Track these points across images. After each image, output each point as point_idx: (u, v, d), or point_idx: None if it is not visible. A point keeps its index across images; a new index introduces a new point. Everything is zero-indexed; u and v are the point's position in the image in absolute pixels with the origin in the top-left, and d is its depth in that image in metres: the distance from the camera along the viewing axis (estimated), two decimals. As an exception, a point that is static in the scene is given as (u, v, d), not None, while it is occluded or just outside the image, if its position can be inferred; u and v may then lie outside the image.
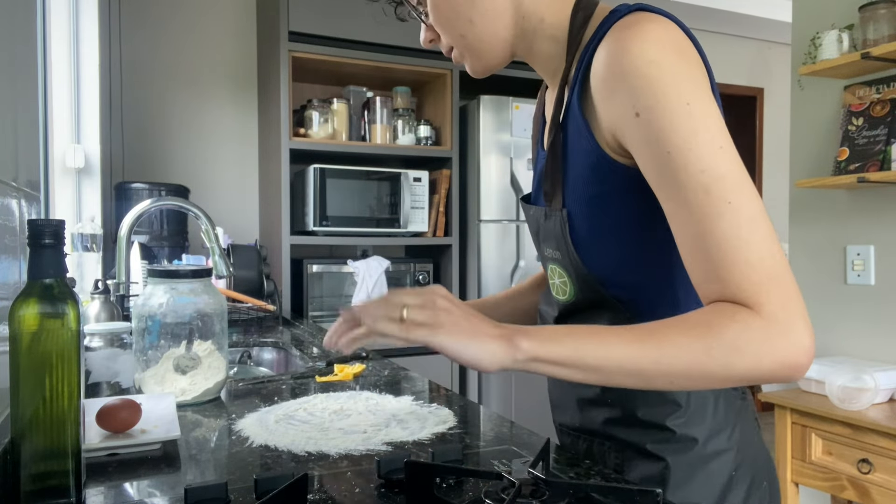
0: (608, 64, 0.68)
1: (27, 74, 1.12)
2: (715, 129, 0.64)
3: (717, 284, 0.63)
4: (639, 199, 0.71)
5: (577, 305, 0.84)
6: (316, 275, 2.80)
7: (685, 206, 0.64)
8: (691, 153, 0.63)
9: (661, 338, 0.63)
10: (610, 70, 0.68)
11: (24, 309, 0.63)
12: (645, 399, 0.80)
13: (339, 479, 0.74)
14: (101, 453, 0.82)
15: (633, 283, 0.79)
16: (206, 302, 1.12)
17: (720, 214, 0.62)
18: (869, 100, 2.13)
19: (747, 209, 0.63)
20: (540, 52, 0.83)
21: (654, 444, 0.80)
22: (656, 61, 0.65)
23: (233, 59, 3.04)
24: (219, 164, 3.03)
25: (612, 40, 0.69)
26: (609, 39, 0.69)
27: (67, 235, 1.43)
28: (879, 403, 1.97)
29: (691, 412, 0.79)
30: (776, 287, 0.61)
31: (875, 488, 1.83)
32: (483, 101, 2.88)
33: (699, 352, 0.61)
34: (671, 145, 0.64)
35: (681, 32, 0.69)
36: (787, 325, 0.61)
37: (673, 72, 0.65)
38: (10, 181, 0.89)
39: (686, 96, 0.64)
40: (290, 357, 1.75)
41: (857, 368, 1.98)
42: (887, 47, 1.95)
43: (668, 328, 0.64)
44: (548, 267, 0.88)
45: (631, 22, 0.68)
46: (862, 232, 2.21)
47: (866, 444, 1.85)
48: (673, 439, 0.79)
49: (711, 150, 0.63)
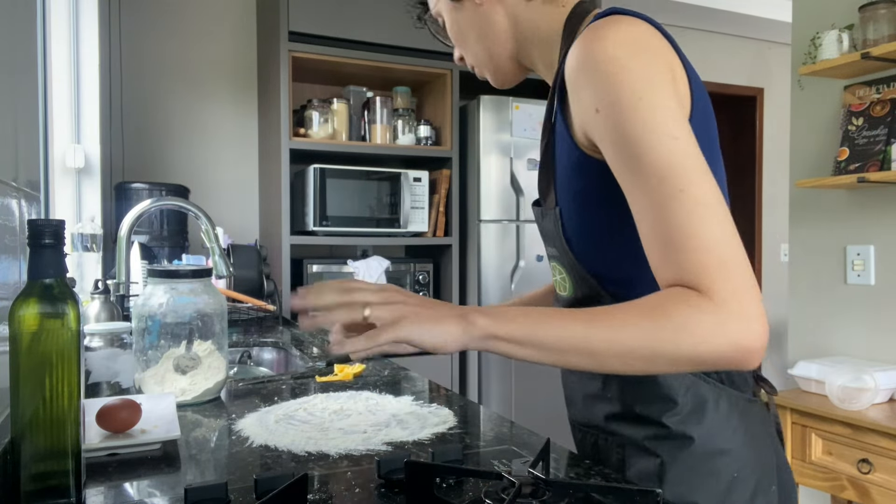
0: (572, 65, 0.72)
1: (27, 74, 1.12)
2: (669, 121, 0.66)
3: (672, 270, 0.65)
4: (620, 195, 0.73)
5: (576, 301, 0.86)
6: (316, 275, 2.80)
7: (642, 196, 0.67)
8: (644, 144, 0.66)
9: (613, 319, 0.65)
10: (574, 70, 0.72)
11: (24, 309, 0.63)
12: (641, 395, 0.81)
13: (339, 479, 0.74)
14: (101, 453, 0.82)
15: (628, 279, 0.79)
16: (206, 302, 1.12)
17: (673, 202, 0.64)
18: (869, 100, 2.13)
19: (701, 196, 0.64)
20: (540, 59, 0.88)
21: (650, 440, 0.80)
22: (613, 58, 0.68)
23: (233, 59, 3.04)
24: (219, 164, 3.03)
25: (579, 42, 0.72)
26: (577, 42, 0.72)
27: (67, 235, 1.43)
28: (879, 403, 1.97)
29: (688, 410, 0.79)
30: (728, 272, 0.62)
31: (875, 488, 1.83)
32: (483, 101, 2.88)
33: (649, 332, 0.63)
34: (626, 137, 0.67)
35: (647, 30, 0.71)
36: (738, 310, 0.61)
37: (628, 68, 0.67)
38: (10, 181, 0.89)
39: (639, 91, 0.67)
40: (290, 357, 1.75)
41: (857, 368, 1.98)
42: (887, 47, 1.95)
43: (621, 310, 0.66)
44: (550, 264, 0.91)
45: (598, 25, 0.71)
46: (862, 232, 2.21)
47: (866, 444, 1.85)
48: (669, 436, 0.79)
49: (664, 141, 0.65)
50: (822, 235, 2.33)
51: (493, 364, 2.86)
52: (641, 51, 0.69)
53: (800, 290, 2.41)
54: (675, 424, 0.79)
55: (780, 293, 3.65)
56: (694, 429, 0.79)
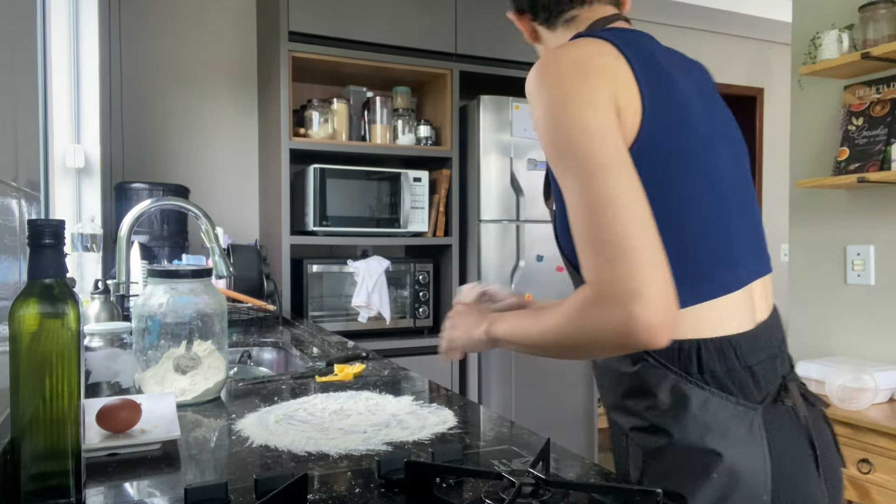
0: (527, 84, 0.81)
1: (27, 74, 1.12)
2: (580, 129, 0.73)
3: (583, 268, 0.73)
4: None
5: None
6: (316, 275, 2.80)
7: (566, 198, 0.74)
8: (557, 151, 0.74)
9: (545, 317, 0.76)
10: (527, 89, 0.81)
11: (24, 309, 0.63)
12: (627, 387, 0.83)
13: (339, 479, 0.74)
14: (101, 453, 0.82)
15: None
16: (206, 302, 1.12)
17: (580, 202, 0.72)
18: (869, 100, 2.13)
19: (602, 194, 0.70)
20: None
21: (634, 431, 0.83)
22: (540, 80, 0.78)
23: (233, 59, 3.04)
24: (219, 164, 3.03)
25: (537, 63, 0.81)
26: (536, 63, 0.82)
27: (67, 235, 1.43)
28: (879, 403, 1.97)
29: (666, 406, 0.79)
30: (616, 266, 0.68)
31: (875, 488, 1.83)
32: (483, 101, 2.88)
33: (561, 328, 0.74)
34: (546, 146, 0.76)
35: (589, 50, 0.79)
36: (620, 299, 0.67)
37: (550, 88, 0.76)
38: (10, 181, 0.89)
39: (555, 107, 0.75)
40: (290, 357, 1.75)
41: (857, 368, 1.98)
42: (887, 47, 1.95)
43: (551, 309, 0.76)
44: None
45: (556, 48, 0.82)
46: (862, 232, 2.21)
47: (866, 444, 1.85)
48: (648, 429, 0.81)
49: (573, 147, 0.73)
50: (822, 235, 2.33)
51: (493, 364, 2.86)
52: (574, 71, 0.76)
53: (800, 290, 2.41)
54: (654, 418, 0.80)
55: (781, 293, 3.65)
56: (672, 425, 0.79)
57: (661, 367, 0.80)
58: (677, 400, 0.79)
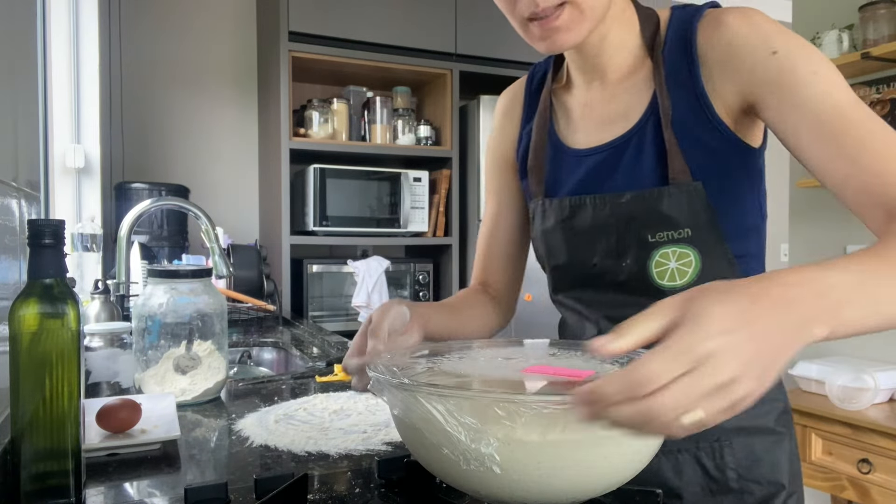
0: (737, 31, 0.76)
1: (27, 74, 1.12)
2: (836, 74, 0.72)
3: (886, 200, 0.63)
4: (756, 163, 0.80)
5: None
6: (316, 275, 2.80)
7: (831, 139, 0.68)
8: (823, 85, 0.70)
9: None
10: (740, 32, 0.76)
11: (24, 309, 0.63)
12: None
13: (339, 479, 0.74)
14: (101, 453, 0.82)
15: (748, 252, 0.83)
16: (206, 302, 1.12)
17: (867, 133, 0.66)
18: (869, 100, 2.13)
19: (885, 127, 0.67)
20: (615, 39, 0.85)
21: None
22: (776, 22, 0.75)
23: (233, 59, 3.04)
24: (219, 164, 3.03)
25: (731, 16, 0.77)
26: (722, 18, 0.78)
27: (67, 235, 1.43)
28: (879, 403, 1.97)
29: None
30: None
31: (875, 488, 1.83)
32: (483, 101, 2.88)
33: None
34: (807, 78, 0.71)
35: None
36: None
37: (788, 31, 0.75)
38: (10, 181, 0.89)
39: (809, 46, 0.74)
40: (290, 357, 1.75)
41: (857, 368, 1.98)
42: (887, 47, 1.95)
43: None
44: (657, 253, 0.82)
45: (732, 8, 0.78)
46: (862, 232, 2.20)
47: (866, 444, 1.85)
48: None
49: (838, 85, 0.70)
50: (822, 235, 2.33)
51: (493, 364, 2.86)
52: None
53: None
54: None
55: (780, 293, 3.63)
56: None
57: None
58: None
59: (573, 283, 0.92)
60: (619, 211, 0.83)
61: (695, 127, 0.80)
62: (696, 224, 0.80)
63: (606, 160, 0.86)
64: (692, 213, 0.79)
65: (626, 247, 0.84)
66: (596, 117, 0.88)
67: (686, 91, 0.80)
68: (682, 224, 0.80)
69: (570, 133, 0.92)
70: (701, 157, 0.80)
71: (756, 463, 0.85)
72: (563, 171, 0.91)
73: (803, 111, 0.70)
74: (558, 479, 0.51)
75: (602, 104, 0.88)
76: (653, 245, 0.82)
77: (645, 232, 0.82)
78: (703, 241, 0.80)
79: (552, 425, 0.50)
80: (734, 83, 0.77)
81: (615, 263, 0.85)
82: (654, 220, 0.81)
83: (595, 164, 0.87)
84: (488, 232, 1.06)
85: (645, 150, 0.82)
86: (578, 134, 0.90)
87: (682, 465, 0.86)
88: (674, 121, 0.80)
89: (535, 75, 1.01)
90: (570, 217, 0.88)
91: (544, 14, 0.76)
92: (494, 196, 1.05)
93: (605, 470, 0.53)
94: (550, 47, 0.79)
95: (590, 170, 0.87)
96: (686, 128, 0.80)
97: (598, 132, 0.88)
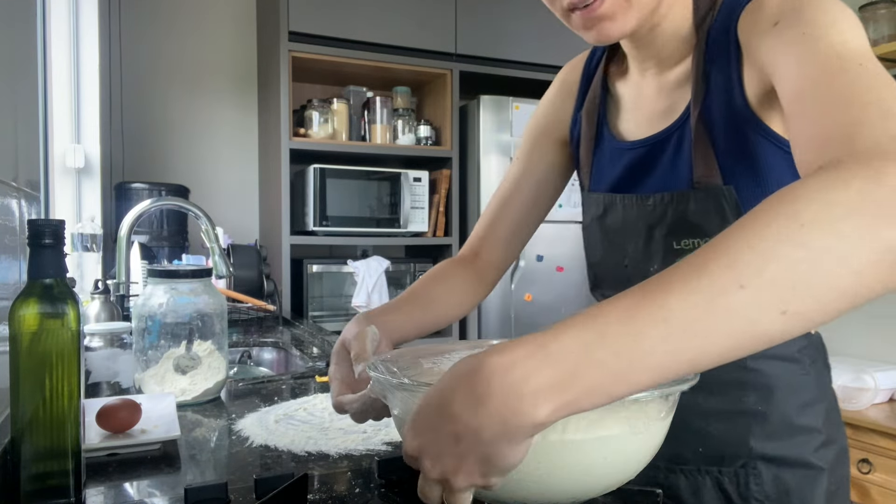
0: (767, 10, 0.67)
1: (27, 74, 1.12)
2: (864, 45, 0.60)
3: (842, 144, 0.50)
4: (789, 155, 0.67)
5: None
6: (316, 275, 2.80)
7: (812, 71, 0.57)
8: (828, 36, 0.59)
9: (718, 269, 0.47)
10: (768, 10, 0.67)
11: (24, 309, 0.63)
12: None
13: (339, 479, 0.74)
14: (101, 453, 0.82)
15: None
16: (206, 302, 1.12)
17: (851, 73, 0.55)
18: (869, 100, 2.13)
19: (882, 74, 0.54)
20: (668, 27, 0.77)
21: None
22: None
23: (233, 59, 3.04)
24: (219, 164, 3.03)
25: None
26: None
27: (67, 235, 1.43)
28: (879, 403, 1.97)
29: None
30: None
31: (875, 488, 1.83)
32: (483, 101, 2.88)
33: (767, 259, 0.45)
34: (809, 25, 0.60)
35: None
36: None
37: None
38: (10, 181, 0.89)
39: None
40: (290, 357, 1.75)
41: (857, 368, 1.98)
42: (887, 47, 1.95)
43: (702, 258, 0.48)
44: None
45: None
46: None
47: (866, 444, 1.85)
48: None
49: (849, 39, 0.58)
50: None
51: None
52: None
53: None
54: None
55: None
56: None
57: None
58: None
59: (608, 282, 0.88)
60: (644, 213, 0.79)
61: (731, 121, 0.71)
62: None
63: (646, 156, 0.80)
64: (721, 221, 0.72)
65: (653, 252, 0.79)
66: (646, 108, 0.82)
67: (725, 79, 0.72)
68: (711, 232, 0.72)
69: (620, 123, 0.86)
70: (736, 157, 0.71)
71: (785, 497, 0.77)
72: (605, 164, 0.86)
73: (788, 73, 0.60)
74: (558, 479, 0.51)
75: (653, 95, 0.81)
76: (678, 252, 0.76)
77: (670, 238, 0.76)
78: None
79: (552, 425, 0.50)
80: (753, 65, 0.69)
81: (644, 267, 0.80)
82: (680, 227, 0.75)
83: (634, 159, 0.82)
84: (502, 198, 0.98)
85: (684, 148, 0.76)
86: (627, 124, 0.84)
87: (701, 487, 0.80)
88: (709, 112, 0.73)
89: (595, 53, 0.92)
90: (603, 215, 0.85)
91: (584, 2, 0.70)
92: (523, 161, 0.97)
93: (605, 470, 0.53)
94: (598, 38, 0.72)
95: (627, 166, 0.82)
96: (721, 122, 0.72)
97: (646, 125, 0.81)
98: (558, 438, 0.50)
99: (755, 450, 0.78)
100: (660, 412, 0.54)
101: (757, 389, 0.78)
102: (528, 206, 0.96)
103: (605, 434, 0.50)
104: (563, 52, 3.08)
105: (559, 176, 0.97)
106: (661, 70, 0.80)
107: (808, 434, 0.78)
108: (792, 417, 0.78)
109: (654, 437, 0.55)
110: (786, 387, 0.78)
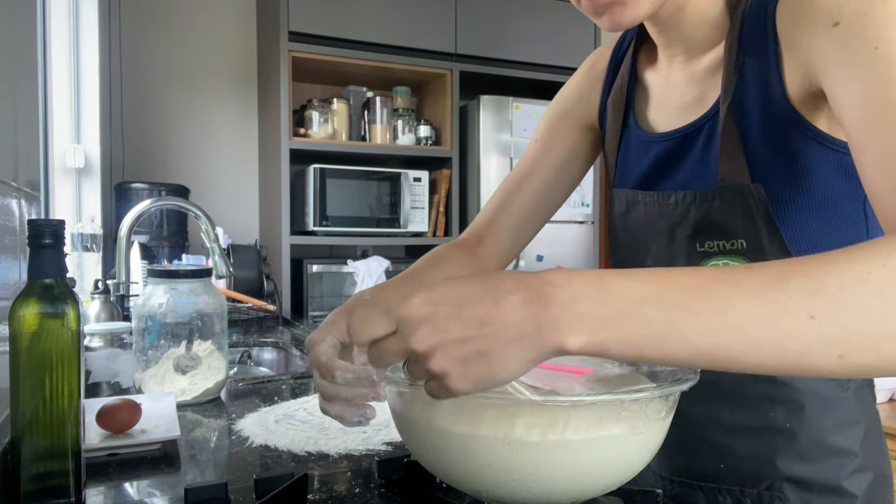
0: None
1: (27, 74, 1.12)
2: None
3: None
4: (837, 153, 0.62)
5: None
6: (316, 275, 2.80)
7: (884, 105, 0.51)
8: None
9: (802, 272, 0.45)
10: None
11: (24, 309, 0.63)
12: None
13: (339, 479, 0.74)
14: (101, 453, 0.82)
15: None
16: (206, 302, 1.12)
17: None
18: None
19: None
20: (694, 11, 0.71)
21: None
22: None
23: (233, 59, 3.04)
24: (219, 164, 3.03)
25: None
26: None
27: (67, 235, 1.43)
28: (880, 403, 1.97)
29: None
30: None
31: (875, 488, 1.83)
32: (483, 101, 2.88)
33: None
34: (881, 41, 0.53)
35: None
36: None
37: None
38: (10, 181, 0.89)
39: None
40: (290, 357, 1.75)
41: (857, 368, 1.98)
42: None
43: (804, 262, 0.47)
44: (706, 265, 0.72)
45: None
46: None
47: (866, 444, 1.85)
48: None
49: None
50: None
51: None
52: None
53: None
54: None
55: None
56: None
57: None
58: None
59: None
60: (666, 213, 0.74)
61: (767, 116, 0.66)
62: (754, 235, 0.67)
63: (673, 150, 0.75)
64: (748, 222, 0.67)
65: (674, 253, 0.74)
66: (675, 98, 0.77)
67: (762, 69, 0.66)
68: (736, 234, 0.68)
69: (648, 114, 0.80)
70: (771, 154, 0.66)
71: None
72: (631, 158, 0.82)
73: (854, 92, 0.54)
74: (558, 479, 0.51)
75: (682, 84, 0.76)
76: (701, 255, 0.71)
77: (693, 240, 0.72)
78: (762, 256, 0.67)
79: (552, 425, 0.50)
80: (797, 61, 0.63)
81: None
82: (703, 227, 0.71)
83: (661, 153, 0.77)
84: (514, 182, 0.92)
85: (714, 142, 0.70)
86: (655, 116, 0.80)
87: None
88: (741, 105, 0.67)
89: (624, 39, 0.87)
90: (626, 212, 0.80)
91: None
92: (540, 145, 0.92)
93: (605, 470, 0.53)
94: (610, 24, 0.66)
95: (654, 160, 0.77)
96: (756, 116, 0.67)
97: (675, 116, 0.76)
98: (558, 438, 0.50)
99: (782, 471, 0.72)
100: (660, 412, 0.54)
101: (786, 404, 0.71)
102: (542, 192, 0.91)
103: (605, 434, 0.50)
104: (564, 52, 3.10)
105: (580, 163, 0.92)
106: (691, 57, 0.75)
107: (843, 457, 0.72)
108: (824, 437, 0.71)
109: (654, 438, 0.55)
110: (819, 403, 0.71)
